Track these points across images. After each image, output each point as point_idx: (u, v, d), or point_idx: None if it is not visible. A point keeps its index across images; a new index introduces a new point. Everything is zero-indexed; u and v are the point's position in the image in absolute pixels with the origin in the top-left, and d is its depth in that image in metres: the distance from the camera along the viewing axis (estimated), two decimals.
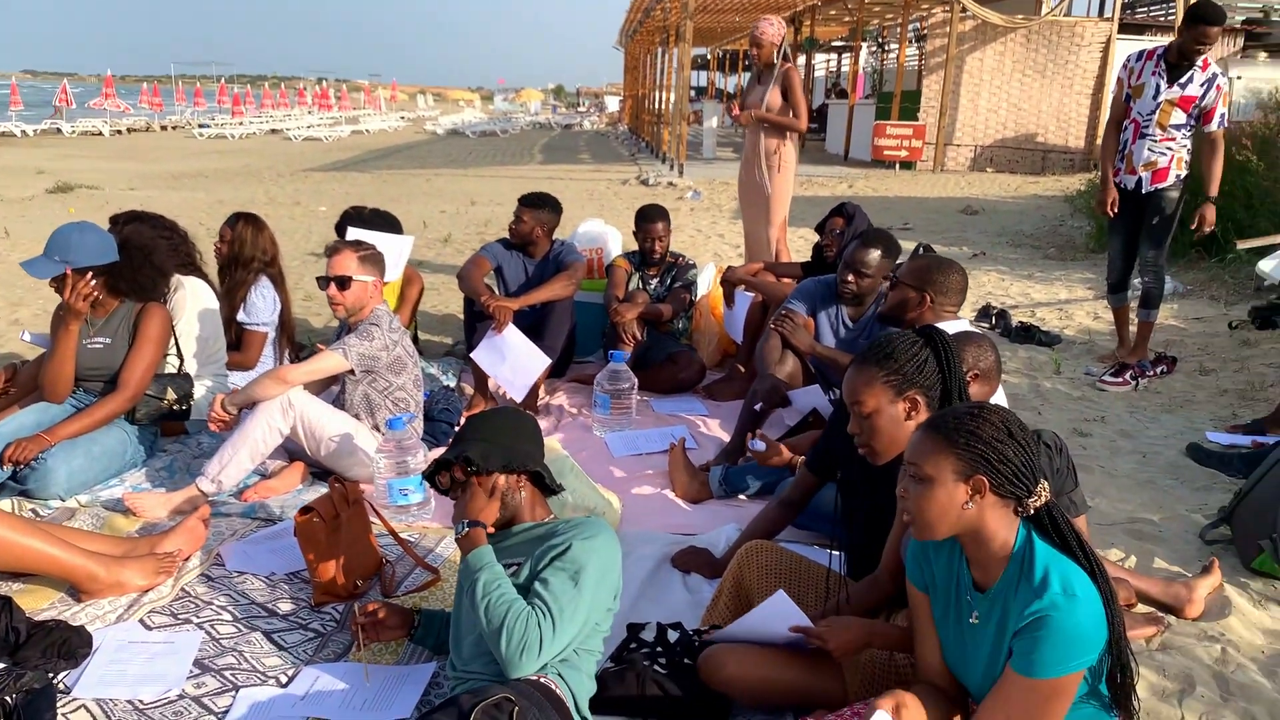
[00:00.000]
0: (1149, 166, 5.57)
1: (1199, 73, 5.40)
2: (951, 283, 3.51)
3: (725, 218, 12.45)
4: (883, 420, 2.43)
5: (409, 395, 3.93)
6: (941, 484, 1.93)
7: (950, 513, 1.95)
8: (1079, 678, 1.91)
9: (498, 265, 5.21)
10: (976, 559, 2.03)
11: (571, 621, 2.22)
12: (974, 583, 2.07)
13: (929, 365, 2.42)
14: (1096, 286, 8.17)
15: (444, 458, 2.49)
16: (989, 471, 1.92)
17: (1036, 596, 1.90)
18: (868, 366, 2.44)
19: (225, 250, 4.74)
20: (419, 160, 23.10)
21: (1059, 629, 1.86)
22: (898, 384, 2.41)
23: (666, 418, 4.88)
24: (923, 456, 1.95)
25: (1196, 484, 4.19)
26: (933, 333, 2.46)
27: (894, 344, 2.44)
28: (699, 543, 3.47)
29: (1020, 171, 19.45)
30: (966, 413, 1.97)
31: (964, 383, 2.47)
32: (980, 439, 1.92)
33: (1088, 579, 1.93)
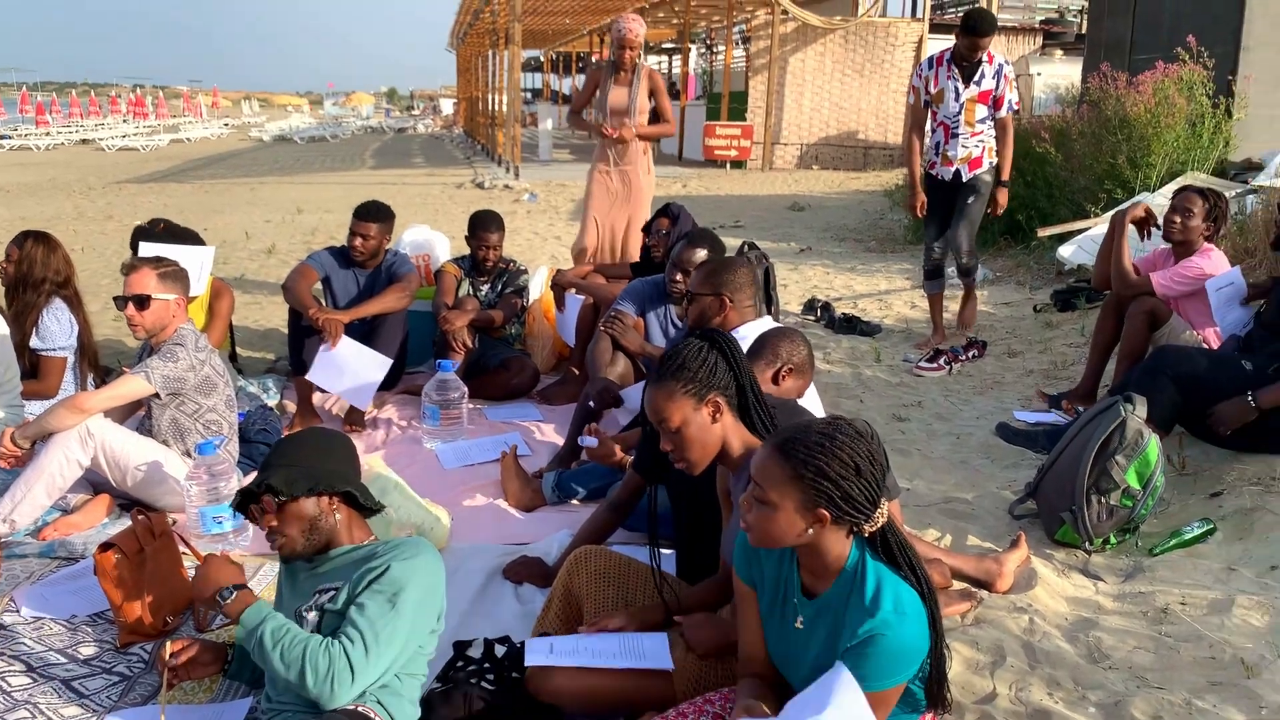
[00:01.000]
0: (965, 159, 5.99)
1: (987, 66, 5.91)
2: (741, 279, 3.54)
3: (562, 220, 12.44)
4: (692, 430, 2.44)
5: (221, 417, 3.75)
6: (783, 511, 1.93)
7: (788, 535, 1.96)
8: (901, 689, 1.97)
9: (325, 276, 5.03)
10: (808, 566, 2.05)
11: (389, 645, 2.15)
12: (802, 587, 2.10)
13: (720, 366, 2.45)
14: (914, 277, 8.53)
15: (248, 488, 2.38)
16: (831, 507, 1.93)
17: (869, 615, 1.92)
18: (665, 382, 2.44)
19: (12, 271, 4.41)
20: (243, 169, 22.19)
21: (888, 647, 1.90)
22: (697, 391, 2.42)
23: (500, 425, 4.82)
24: (768, 481, 1.94)
25: (1006, 462, 4.42)
26: (713, 334, 2.51)
27: (682, 354, 2.46)
28: (531, 552, 3.44)
29: (843, 168, 20.17)
30: (818, 443, 1.94)
31: (753, 376, 2.52)
32: (827, 477, 1.91)
33: (914, 595, 1.98)
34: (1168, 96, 8.06)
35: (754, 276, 3.58)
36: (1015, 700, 2.68)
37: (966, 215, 6.08)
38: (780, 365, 3.06)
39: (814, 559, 2.02)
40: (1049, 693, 2.70)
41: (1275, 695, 2.55)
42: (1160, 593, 3.18)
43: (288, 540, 2.34)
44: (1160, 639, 2.92)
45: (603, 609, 2.75)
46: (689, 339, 2.50)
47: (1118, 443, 3.49)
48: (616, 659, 2.46)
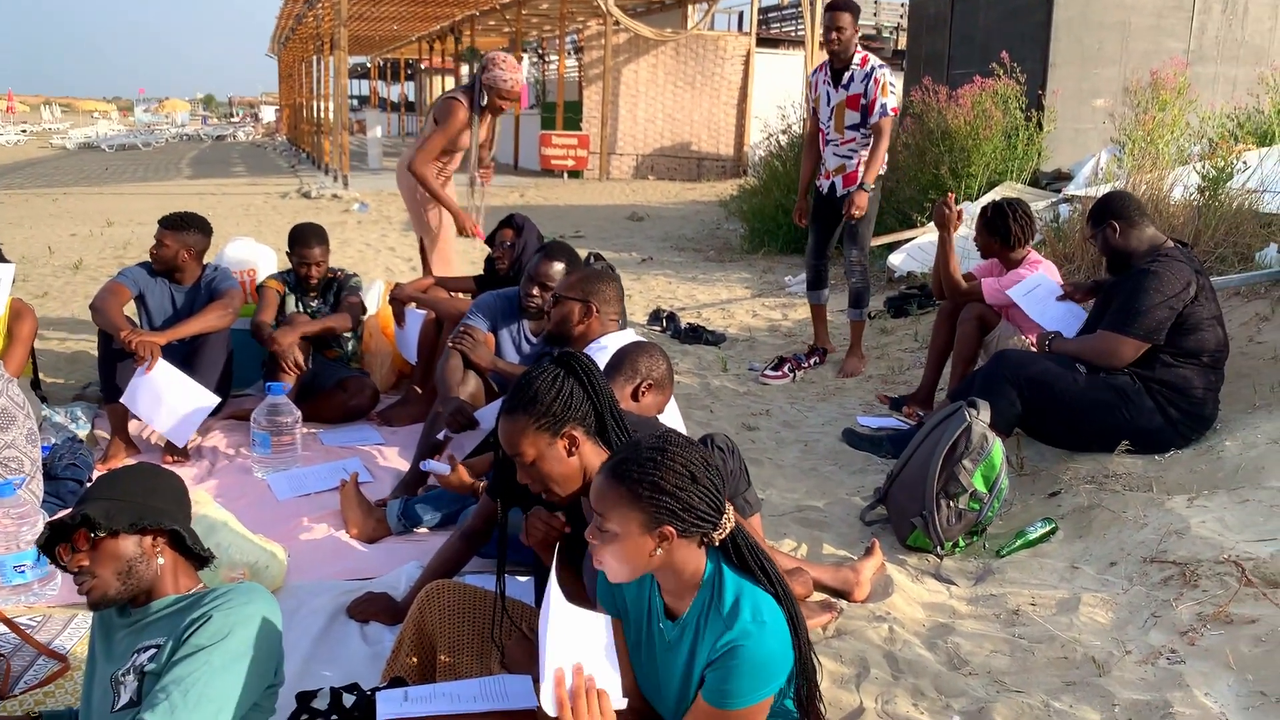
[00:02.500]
0: (839, 171, 5.81)
1: (858, 69, 5.64)
2: (611, 290, 3.49)
3: (395, 230, 12.07)
4: (549, 465, 2.32)
5: (21, 453, 3.37)
6: (628, 536, 1.87)
7: (639, 560, 1.89)
8: (769, 703, 1.90)
9: (139, 293, 4.63)
10: (668, 588, 1.99)
11: (202, 705, 1.91)
12: (665, 610, 2.02)
13: (575, 395, 2.33)
14: (754, 286, 8.66)
15: (59, 521, 2.10)
16: (674, 521, 1.87)
17: (727, 627, 1.87)
18: (516, 416, 2.31)
19: None
20: (44, 178, 20.68)
21: (750, 658, 1.84)
22: (550, 425, 2.29)
23: (338, 450, 4.56)
24: (607, 509, 1.88)
25: (853, 468, 4.47)
26: (568, 358, 2.39)
27: (534, 385, 2.32)
28: (377, 587, 3.23)
29: (679, 179, 20.42)
30: (649, 459, 1.89)
31: (614, 400, 2.42)
32: (664, 491, 1.86)
33: (773, 604, 1.92)
34: (985, 110, 8.44)
35: (620, 291, 3.51)
36: (882, 714, 2.66)
37: (850, 238, 5.85)
38: (640, 381, 2.97)
39: (670, 578, 1.95)
40: (914, 703, 2.70)
41: (1126, 692, 2.61)
42: (1011, 594, 3.25)
43: (98, 583, 2.07)
44: (1015, 641, 2.97)
45: (458, 646, 2.58)
46: (542, 365, 2.37)
47: (964, 447, 3.55)
48: (477, 703, 2.30)
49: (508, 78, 5.39)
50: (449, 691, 2.36)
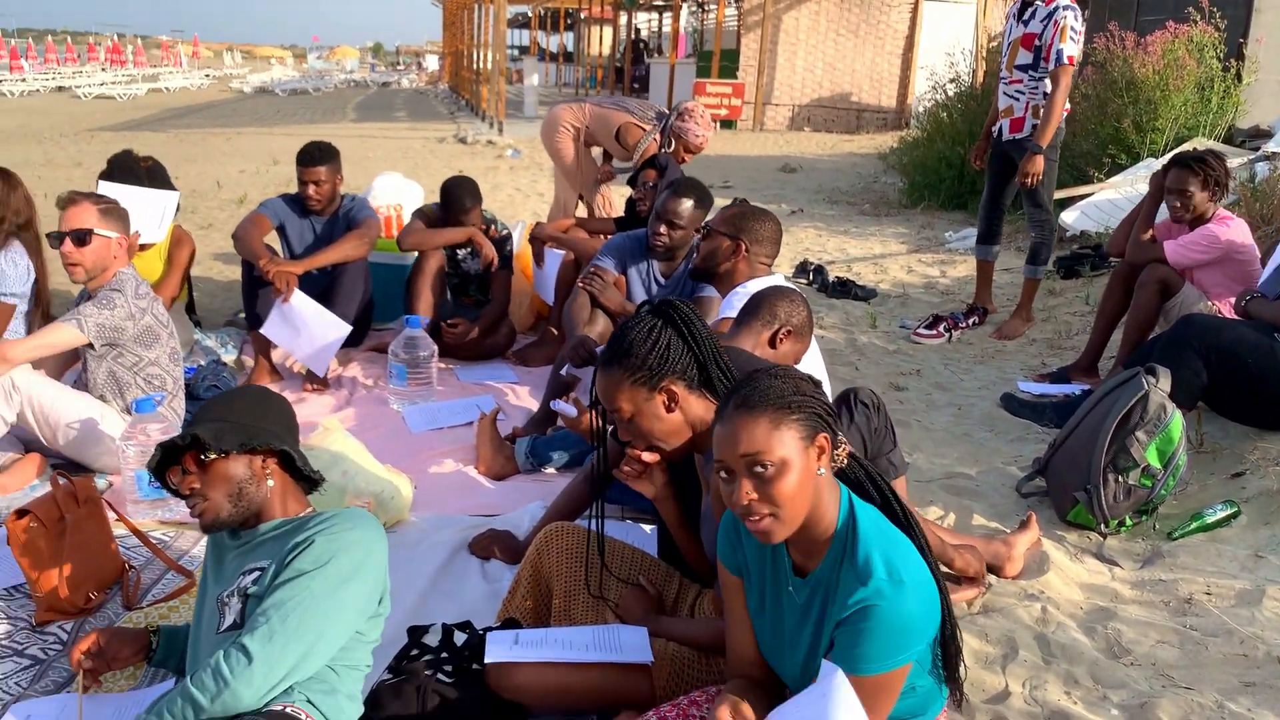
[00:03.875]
0: (1006, 113, 5.35)
1: (1041, 6, 5.08)
2: (766, 231, 3.28)
3: (545, 176, 12.06)
4: (647, 421, 2.16)
5: (164, 371, 3.43)
6: (795, 461, 1.67)
7: (809, 489, 1.70)
8: (907, 670, 1.71)
9: (280, 224, 4.68)
10: (799, 540, 1.78)
11: (302, 631, 1.85)
12: (794, 567, 1.83)
13: (674, 347, 2.15)
14: (910, 241, 8.26)
15: (169, 443, 2.07)
16: (826, 426, 1.72)
17: (860, 583, 1.67)
18: (612, 370, 2.16)
19: None
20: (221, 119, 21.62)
21: (884, 620, 1.64)
22: (647, 379, 2.13)
23: (472, 387, 4.52)
24: (766, 443, 1.67)
25: (1011, 435, 4.16)
26: (667, 307, 2.21)
27: (629, 337, 2.16)
28: (500, 524, 3.15)
29: (836, 130, 19.78)
30: (770, 377, 1.73)
31: (717, 347, 2.22)
32: (806, 397, 1.71)
33: (917, 558, 1.72)
34: (1177, 58, 7.74)
35: (779, 234, 3.30)
36: (1030, 699, 2.42)
37: (1025, 193, 5.33)
38: (778, 327, 2.76)
39: (807, 528, 1.75)
40: (1066, 691, 2.45)
41: None
42: (1183, 581, 2.93)
43: (210, 505, 2.03)
44: (1185, 632, 2.67)
45: (574, 591, 2.47)
46: (638, 315, 2.20)
47: (1139, 417, 3.22)
48: (589, 653, 2.18)
49: (700, 134, 5.25)
50: (561, 638, 2.25)
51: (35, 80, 32.67)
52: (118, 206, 3.32)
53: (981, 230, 5.71)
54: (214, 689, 1.79)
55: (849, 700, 1.59)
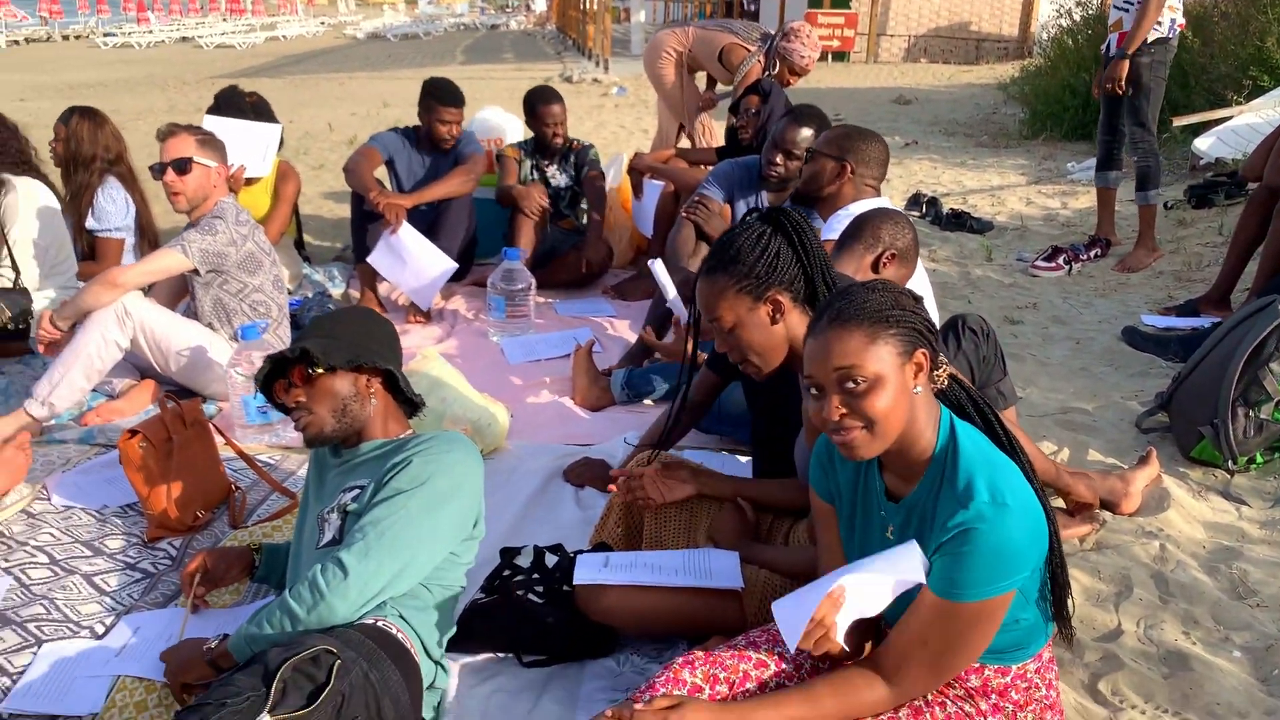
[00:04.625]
0: (1115, 27, 5.07)
1: None
2: (873, 152, 3.14)
3: (650, 113, 11.92)
4: (749, 332, 2.07)
5: (269, 298, 3.50)
6: (890, 375, 1.59)
7: (904, 406, 1.61)
8: (1009, 599, 1.61)
9: (389, 158, 4.71)
10: (894, 464, 1.70)
11: (398, 548, 1.86)
12: (887, 491, 1.75)
13: (783, 256, 2.05)
14: (1030, 173, 7.89)
15: (278, 356, 2.09)
16: (924, 341, 1.62)
17: (960, 506, 1.58)
18: (716, 276, 2.07)
19: (61, 150, 4.19)
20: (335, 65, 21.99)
21: (986, 545, 1.55)
22: (752, 288, 2.04)
23: (570, 320, 4.51)
24: (859, 356, 1.58)
25: (1132, 370, 3.95)
26: (778, 215, 2.10)
27: (737, 243, 2.06)
28: (595, 453, 3.14)
29: (954, 61, 19.01)
30: (868, 292, 1.63)
31: (827, 262, 2.12)
32: (906, 310, 1.61)
33: (1021, 482, 1.62)
34: None
35: (887, 155, 3.15)
36: (1144, 639, 2.30)
37: (1129, 111, 5.10)
38: (882, 250, 2.64)
39: (903, 451, 1.66)
40: (1185, 631, 2.32)
41: None
42: None
43: (315, 419, 2.05)
44: None
45: (665, 518, 2.43)
46: (747, 221, 2.11)
47: (1273, 349, 3.00)
48: (678, 577, 2.15)
49: (806, 54, 5.10)
50: (650, 561, 2.22)
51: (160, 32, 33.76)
52: (215, 138, 3.37)
53: (1100, 156, 5.40)
54: (310, 601, 1.82)
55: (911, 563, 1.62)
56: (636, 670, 2.19)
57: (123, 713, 1.98)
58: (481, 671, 2.16)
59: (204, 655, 1.92)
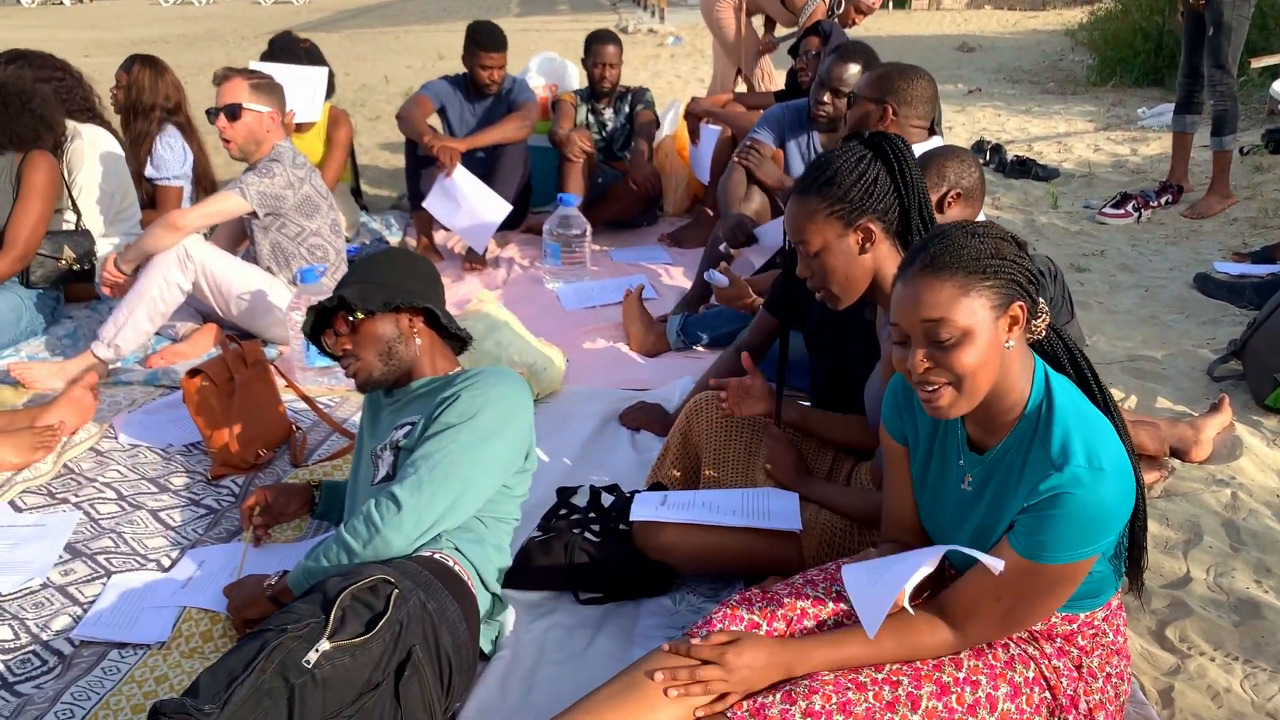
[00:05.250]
0: None
1: None
2: (916, 90, 2.98)
3: (706, 62, 11.75)
4: (834, 259, 1.99)
5: (326, 242, 3.51)
6: (982, 330, 1.50)
7: (995, 361, 1.53)
8: (1092, 563, 1.56)
9: (441, 105, 4.70)
10: (980, 415, 1.62)
11: (450, 480, 1.87)
12: (970, 441, 1.69)
13: (881, 183, 1.97)
14: (1098, 119, 7.66)
15: (319, 306, 2.10)
16: (1024, 294, 1.52)
17: (1055, 468, 1.50)
18: (808, 197, 1.99)
19: (122, 98, 4.24)
20: (391, 18, 22.00)
21: (1079, 510, 1.48)
22: (845, 213, 1.96)
23: (625, 267, 4.48)
24: (949, 309, 1.50)
25: (1204, 317, 3.83)
26: (881, 139, 2.01)
27: (835, 164, 1.98)
28: (651, 398, 3.12)
29: (1020, 7, 18.45)
30: (966, 236, 1.53)
31: (926, 196, 2.03)
32: (1005, 260, 1.51)
33: (1117, 443, 1.54)
34: None
35: (933, 92, 3.04)
36: (1214, 587, 2.24)
37: (1210, 53, 4.93)
38: (946, 189, 2.56)
39: (992, 403, 1.58)
40: (1256, 580, 2.26)
41: None
42: None
43: (363, 365, 2.07)
44: None
45: (723, 461, 2.41)
46: (848, 144, 2.03)
47: None
48: (736, 517, 2.13)
49: None
50: (708, 500, 2.20)
51: None
52: (270, 82, 3.37)
53: (1179, 98, 5.21)
54: (366, 535, 1.83)
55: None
56: (692, 609, 2.18)
57: (189, 642, 2.03)
58: (538, 608, 2.17)
59: (265, 591, 1.95)
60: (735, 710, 1.62)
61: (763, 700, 1.62)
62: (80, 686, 1.86)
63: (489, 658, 1.99)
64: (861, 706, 1.60)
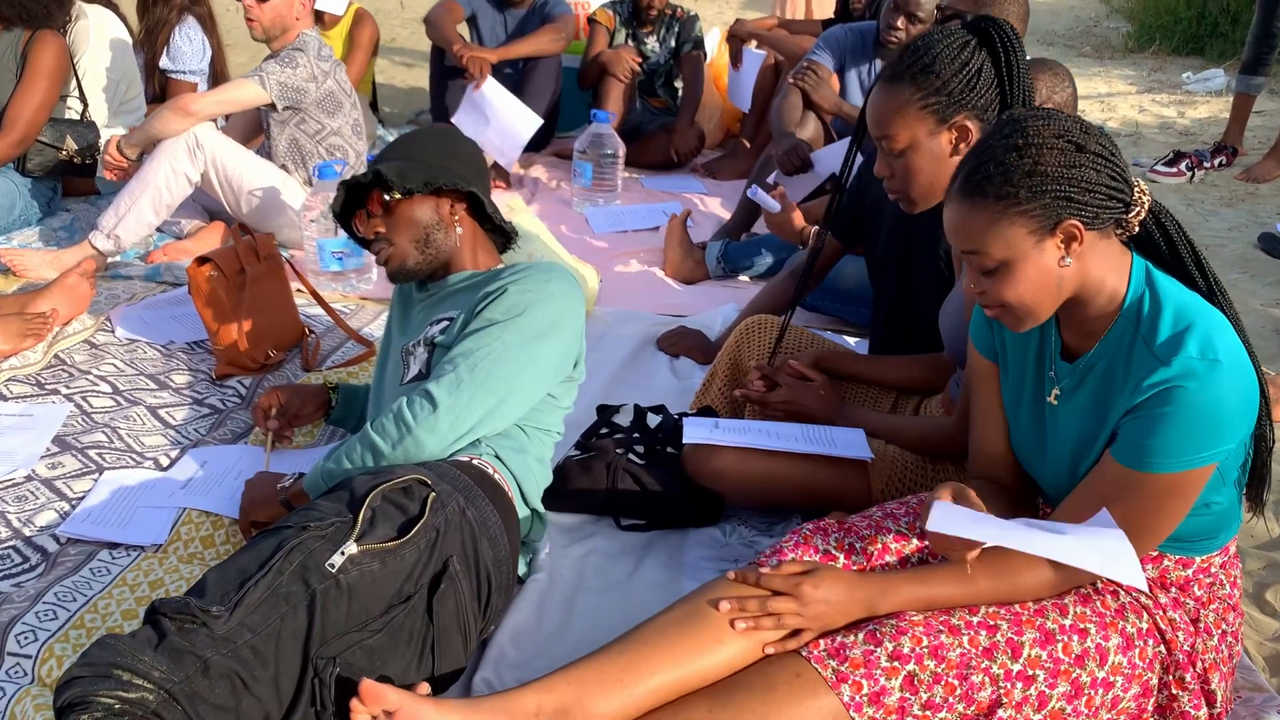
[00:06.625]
0: None
1: None
2: (1013, 9, 2.78)
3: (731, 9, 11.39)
4: (921, 159, 1.75)
5: (347, 143, 3.27)
6: (1023, 258, 1.33)
7: (1049, 283, 1.35)
8: (1209, 472, 1.36)
9: (472, 14, 4.43)
10: (1073, 319, 1.44)
11: (492, 381, 1.65)
12: (1064, 348, 1.49)
13: (985, 75, 1.72)
14: (1139, 83, 7.40)
15: (352, 182, 1.87)
16: (1076, 209, 1.31)
17: (1162, 362, 1.31)
18: (899, 86, 1.73)
19: None
20: None
21: (1193, 406, 1.29)
22: (940, 107, 1.72)
23: (658, 194, 4.24)
24: (978, 237, 1.33)
25: (1270, 278, 3.62)
26: (989, 25, 1.75)
27: (934, 49, 1.72)
28: (691, 324, 2.90)
29: None
30: (1007, 146, 1.32)
31: (1031, 95, 1.79)
32: (1047, 176, 1.30)
33: (1234, 336, 1.35)
34: None
35: (1026, 13, 2.80)
36: None
37: None
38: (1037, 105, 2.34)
39: (1082, 306, 1.40)
40: None
41: None
42: None
43: (396, 251, 1.84)
44: None
45: None
46: (949, 28, 1.79)
47: None
48: (800, 444, 1.92)
49: None
50: (766, 429, 1.99)
51: None
52: None
53: (1247, 58, 4.93)
54: (396, 435, 1.62)
55: (1127, 559, 1.30)
56: (744, 542, 1.98)
57: (188, 546, 1.82)
58: (574, 531, 1.97)
59: (277, 494, 1.74)
60: (811, 649, 1.42)
61: (842, 639, 1.43)
62: (65, 586, 1.66)
63: (523, 581, 1.78)
64: (955, 652, 1.40)
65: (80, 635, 1.56)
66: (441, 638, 1.42)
